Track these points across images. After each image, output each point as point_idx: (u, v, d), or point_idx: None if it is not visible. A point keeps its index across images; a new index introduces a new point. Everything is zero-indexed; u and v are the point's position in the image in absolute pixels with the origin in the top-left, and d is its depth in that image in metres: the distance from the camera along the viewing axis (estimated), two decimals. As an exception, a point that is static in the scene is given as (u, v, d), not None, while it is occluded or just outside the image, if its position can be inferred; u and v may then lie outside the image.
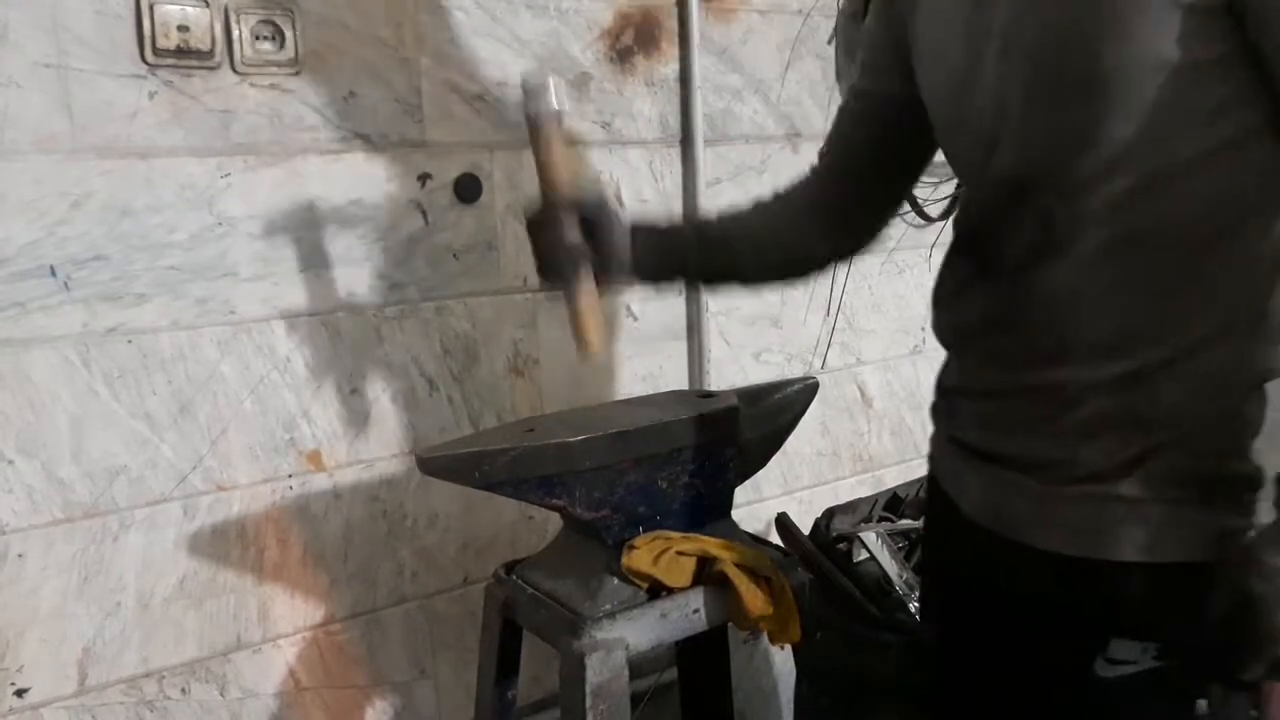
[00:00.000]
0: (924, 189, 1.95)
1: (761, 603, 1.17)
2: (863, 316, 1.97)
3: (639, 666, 1.51)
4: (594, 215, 1.02)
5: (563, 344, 1.61)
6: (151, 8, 1.23)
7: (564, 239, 1.01)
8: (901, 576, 1.56)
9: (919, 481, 1.83)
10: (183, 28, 1.24)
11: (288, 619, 1.44)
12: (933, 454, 1.02)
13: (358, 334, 1.44)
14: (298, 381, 1.40)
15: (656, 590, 1.18)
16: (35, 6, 1.18)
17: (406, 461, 1.48)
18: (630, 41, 1.62)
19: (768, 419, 1.31)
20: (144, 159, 1.26)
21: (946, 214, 1.91)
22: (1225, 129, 0.72)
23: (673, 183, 1.70)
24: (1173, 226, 0.74)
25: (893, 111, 1.01)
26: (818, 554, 1.56)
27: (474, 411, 1.54)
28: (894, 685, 1.42)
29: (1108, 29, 0.71)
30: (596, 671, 1.12)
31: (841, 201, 1.09)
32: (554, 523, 1.42)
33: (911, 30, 0.94)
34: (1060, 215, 0.78)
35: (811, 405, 1.37)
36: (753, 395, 1.31)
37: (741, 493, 1.35)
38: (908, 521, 1.69)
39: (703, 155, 1.70)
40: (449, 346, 1.51)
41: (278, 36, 1.31)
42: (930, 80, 0.92)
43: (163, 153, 1.27)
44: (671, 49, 1.67)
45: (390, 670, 1.53)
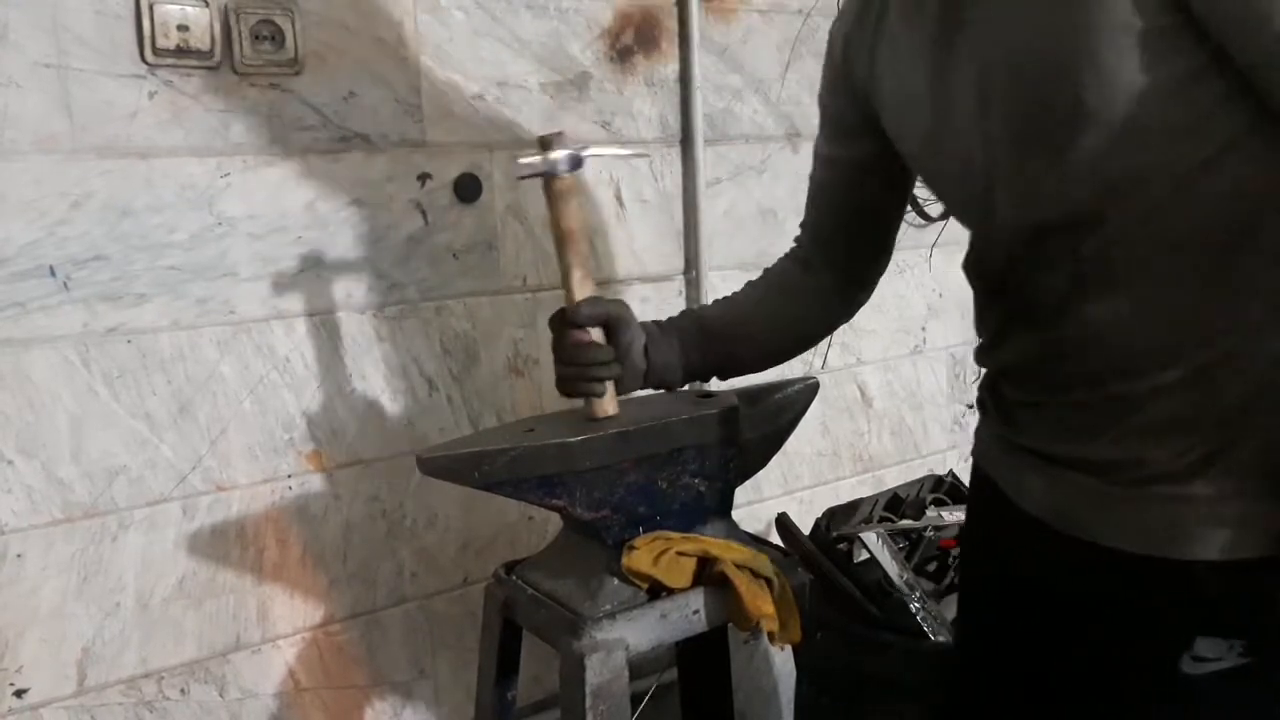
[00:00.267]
0: (924, 189, 1.95)
1: (762, 603, 1.17)
2: (863, 316, 1.94)
3: (639, 667, 1.51)
4: (613, 326, 1.07)
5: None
6: (151, 8, 1.23)
7: (594, 355, 1.07)
8: (902, 577, 1.56)
9: (919, 482, 1.83)
10: (182, 27, 1.24)
11: (287, 619, 1.44)
12: (981, 448, 1.00)
13: (357, 334, 1.43)
14: (297, 381, 1.40)
15: (656, 591, 1.18)
16: (35, 6, 1.18)
17: (406, 461, 1.48)
18: (630, 41, 1.62)
19: (768, 419, 1.30)
20: (144, 159, 1.26)
21: (946, 214, 1.91)
22: (1220, 133, 0.72)
23: (673, 182, 1.70)
24: (1197, 232, 0.74)
25: (867, 172, 1.04)
26: (818, 554, 1.56)
27: (474, 411, 1.54)
28: (894, 685, 1.42)
29: (1085, 64, 0.71)
30: (596, 672, 1.11)
31: (833, 270, 1.13)
32: (554, 523, 1.42)
33: (876, 94, 0.95)
34: (1084, 249, 0.78)
35: (812, 405, 1.37)
36: (753, 395, 1.31)
37: (742, 493, 1.35)
38: (908, 522, 1.69)
39: (703, 155, 1.70)
40: (449, 346, 1.51)
41: (277, 36, 1.31)
42: (906, 141, 0.93)
43: (163, 153, 1.27)
44: (671, 49, 1.67)
45: (390, 670, 1.53)
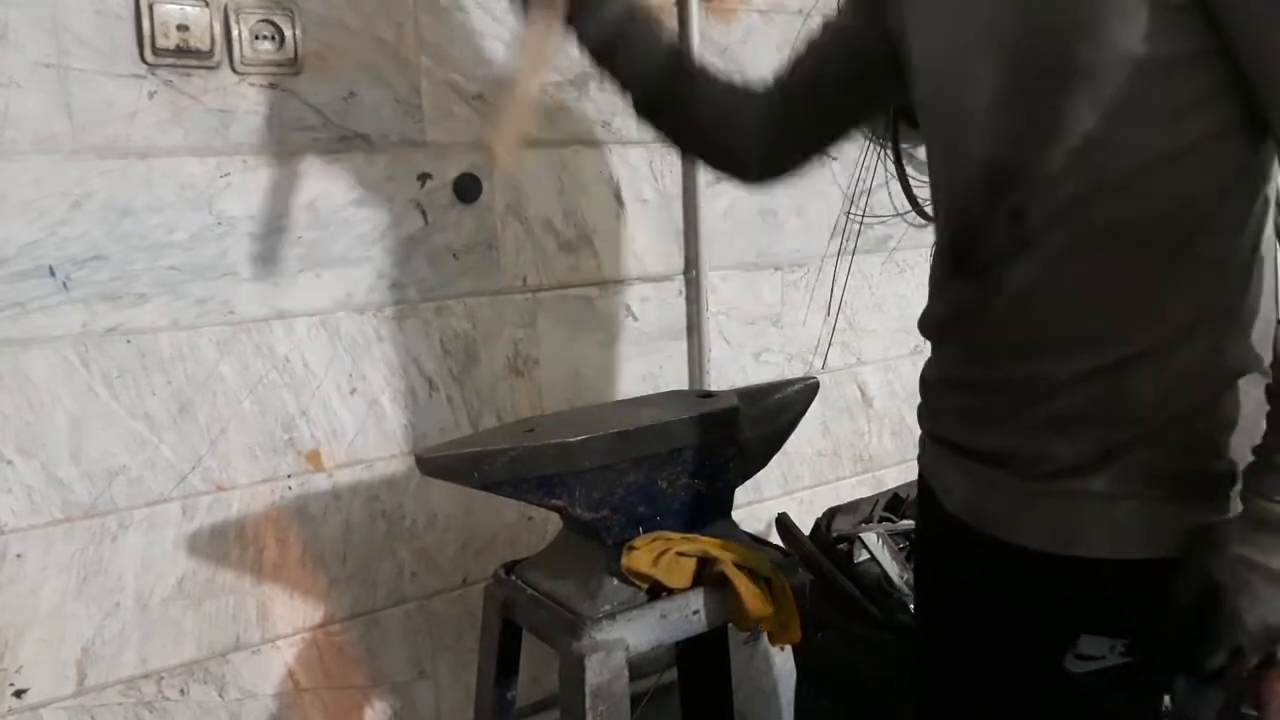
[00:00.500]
0: (924, 189, 1.95)
1: (761, 603, 1.17)
2: (863, 316, 1.97)
3: (639, 667, 1.51)
4: None
5: (563, 344, 1.61)
6: (151, 7, 1.22)
7: None
8: (902, 577, 1.56)
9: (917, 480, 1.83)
10: (182, 27, 1.24)
11: (287, 619, 1.43)
12: (920, 452, 1.03)
13: (357, 334, 1.43)
14: (297, 381, 1.40)
15: (656, 591, 1.18)
16: (35, 6, 1.18)
17: (406, 461, 1.48)
18: None
19: (768, 419, 1.30)
20: (144, 159, 1.26)
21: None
22: (1195, 126, 0.72)
23: (673, 182, 1.70)
24: (1142, 223, 0.74)
25: (860, 53, 1.00)
26: (818, 554, 1.56)
27: (474, 411, 1.54)
28: (894, 685, 1.42)
29: (1082, 26, 0.71)
30: (596, 672, 1.12)
31: (787, 124, 1.07)
32: (554, 523, 1.42)
33: (906, 16, 0.93)
34: (1030, 210, 0.78)
35: (812, 405, 1.37)
36: (753, 395, 1.31)
37: (742, 493, 1.35)
38: (908, 522, 1.69)
39: (703, 155, 1.70)
40: (449, 346, 1.51)
41: (277, 36, 1.31)
42: (918, 64, 0.91)
43: (162, 152, 1.27)
44: (672, 49, 1.67)
45: (390, 671, 1.53)
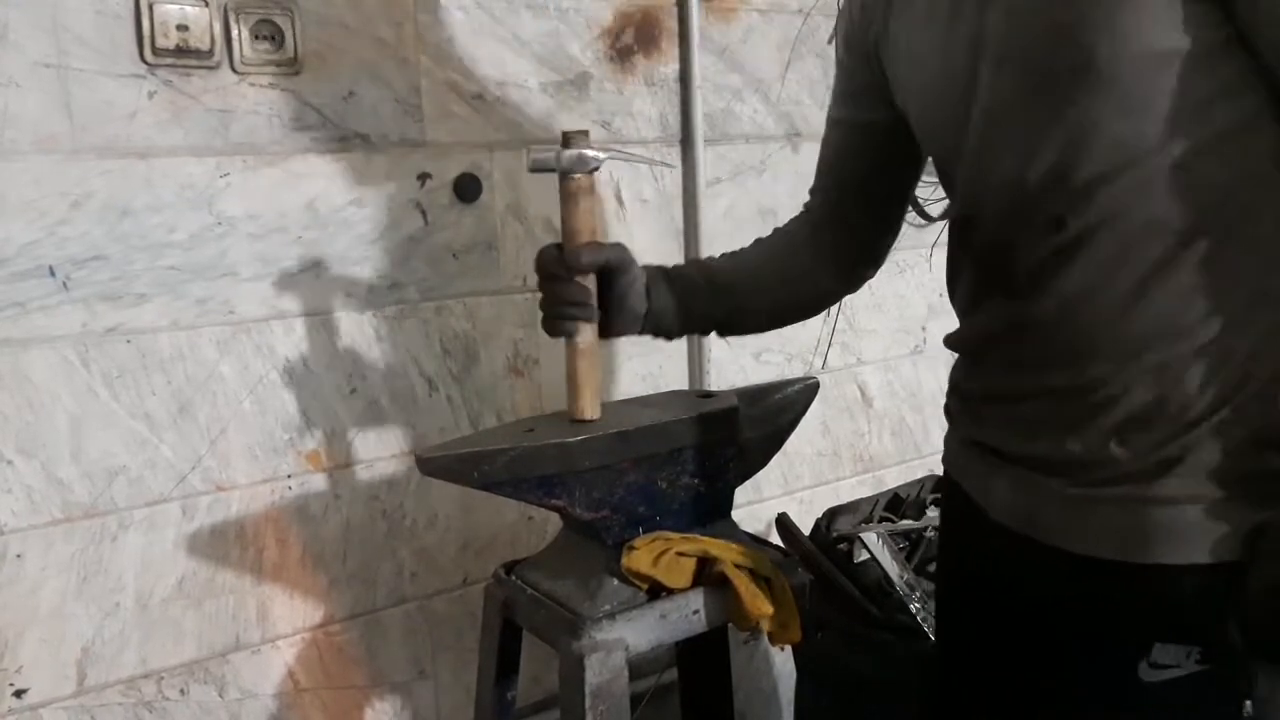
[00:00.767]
0: (924, 189, 1.94)
1: (761, 603, 1.17)
2: (863, 316, 1.97)
3: (639, 667, 1.51)
4: (612, 269, 1.04)
5: (562, 344, 1.61)
6: (151, 7, 1.22)
7: (573, 295, 1.03)
8: (902, 577, 1.56)
9: (920, 482, 1.83)
10: (182, 27, 1.24)
11: (287, 619, 1.43)
12: (949, 454, 1.00)
13: (357, 334, 1.43)
14: (297, 381, 1.40)
15: (656, 591, 1.18)
16: (35, 6, 1.18)
17: (406, 461, 1.48)
18: (630, 41, 1.62)
19: (768, 419, 1.30)
20: (143, 159, 1.26)
21: (947, 214, 1.91)
22: (1225, 116, 0.71)
23: (673, 182, 1.70)
24: (1184, 218, 0.73)
25: (876, 137, 1.02)
26: (818, 554, 1.56)
27: (474, 411, 1.54)
28: (894, 685, 1.41)
29: (1101, 24, 0.71)
30: (596, 672, 1.11)
31: (839, 235, 1.11)
32: (554, 523, 1.42)
33: (886, 53, 0.94)
34: (1069, 218, 0.77)
35: (812, 405, 1.37)
36: (753, 395, 1.30)
37: (742, 493, 1.35)
38: (908, 522, 1.69)
39: (703, 155, 1.70)
40: (449, 346, 1.51)
41: (277, 36, 1.31)
42: (912, 99, 0.92)
43: (162, 152, 1.27)
44: (671, 48, 1.67)
45: (390, 671, 1.53)
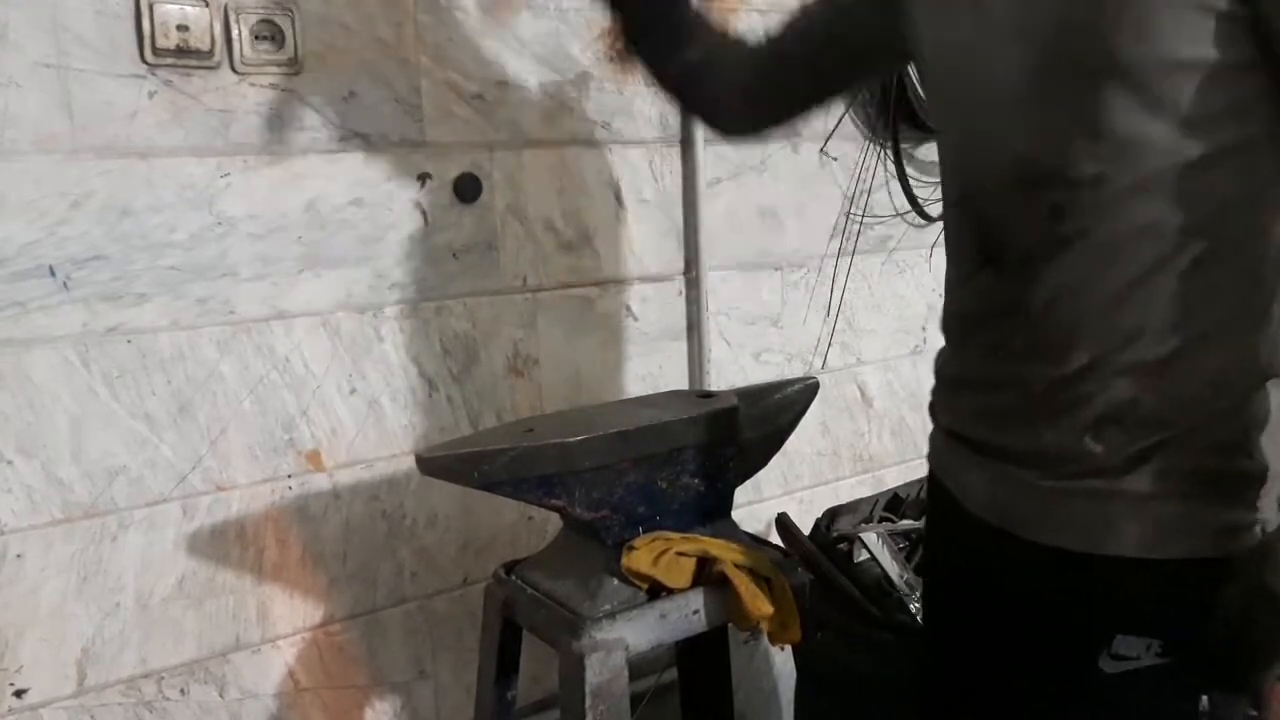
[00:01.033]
0: (924, 189, 1.95)
1: (761, 603, 1.17)
2: (863, 316, 1.97)
3: (639, 667, 1.51)
4: None
5: (563, 344, 1.61)
6: (151, 7, 1.22)
7: None
8: (902, 577, 1.56)
9: (920, 481, 1.83)
10: (182, 27, 1.24)
11: (287, 619, 1.43)
12: (932, 450, 1.01)
13: (357, 334, 1.43)
14: (297, 381, 1.40)
15: (656, 591, 1.18)
16: (35, 6, 1.18)
17: (406, 461, 1.48)
18: (630, 41, 1.62)
19: (768, 419, 1.30)
20: (144, 159, 1.26)
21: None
22: (1230, 133, 0.72)
23: (673, 182, 1.70)
24: (1180, 224, 0.74)
25: (855, 20, 1.01)
26: (818, 554, 1.56)
27: (474, 411, 1.54)
28: (895, 685, 1.41)
29: (1127, 24, 0.71)
30: (596, 672, 1.12)
31: (769, 81, 1.10)
32: (554, 523, 1.42)
33: (910, 6, 0.93)
34: (1069, 209, 0.77)
35: (812, 405, 1.37)
36: (753, 395, 1.31)
37: (742, 493, 1.35)
38: (908, 522, 1.69)
39: (703, 155, 1.70)
40: (449, 346, 1.51)
41: (277, 36, 1.31)
42: (935, 49, 0.90)
43: (162, 152, 1.27)
44: (671, 49, 1.67)
45: (390, 671, 1.53)
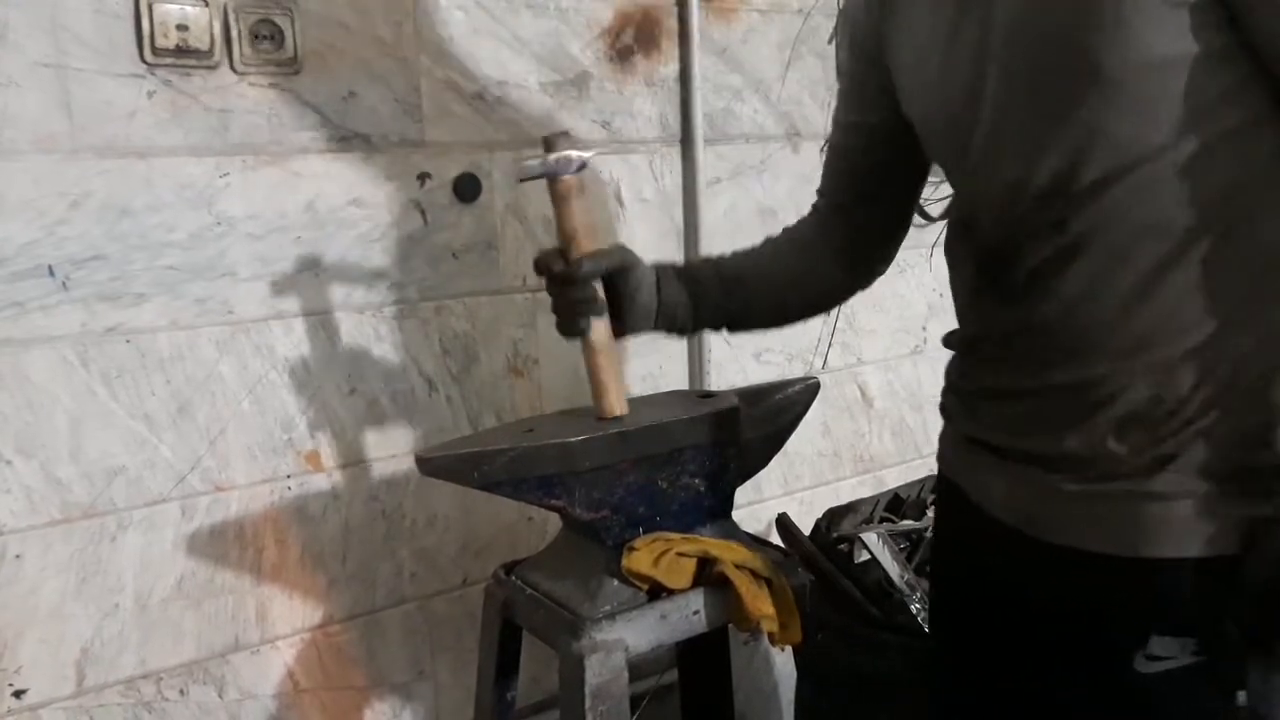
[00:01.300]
0: (924, 189, 1.94)
1: (762, 604, 1.17)
2: (863, 316, 1.97)
3: (639, 668, 1.50)
4: (616, 271, 1.05)
5: (562, 344, 1.61)
6: (150, 7, 1.22)
7: (580, 294, 1.04)
8: (903, 577, 1.56)
9: (920, 482, 1.83)
10: (181, 27, 1.24)
11: (286, 620, 1.43)
12: (945, 452, 1.00)
13: (356, 334, 1.43)
14: (296, 382, 1.40)
15: (656, 591, 1.18)
16: (35, 6, 1.18)
17: (405, 462, 1.48)
18: (630, 41, 1.62)
19: (768, 419, 1.30)
20: (143, 159, 1.26)
21: (947, 214, 1.91)
22: (1227, 119, 0.72)
23: (672, 182, 1.70)
24: (1185, 219, 0.74)
25: (881, 138, 1.03)
26: (819, 555, 1.56)
27: (473, 411, 1.54)
28: (894, 685, 1.41)
29: (1106, 30, 0.71)
30: (596, 673, 1.11)
31: (847, 235, 1.11)
32: (553, 523, 1.42)
33: (889, 55, 0.94)
34: (1071, 220, 0.77)
35: (812, 405, 1.37)
36: (753, 395, 1.30)
37: (742, 493, 1.35)
38: (909, 522, 1.69)
39: (703, 155, 1.70)
40: (448, 346, 1.51)
41: (277, 36, 1.31)
42: (916, 100, 0.92)
43: (162, 152, 1.27)
44: (671, 48, 1.67)
45: (389, 671, 1.53)
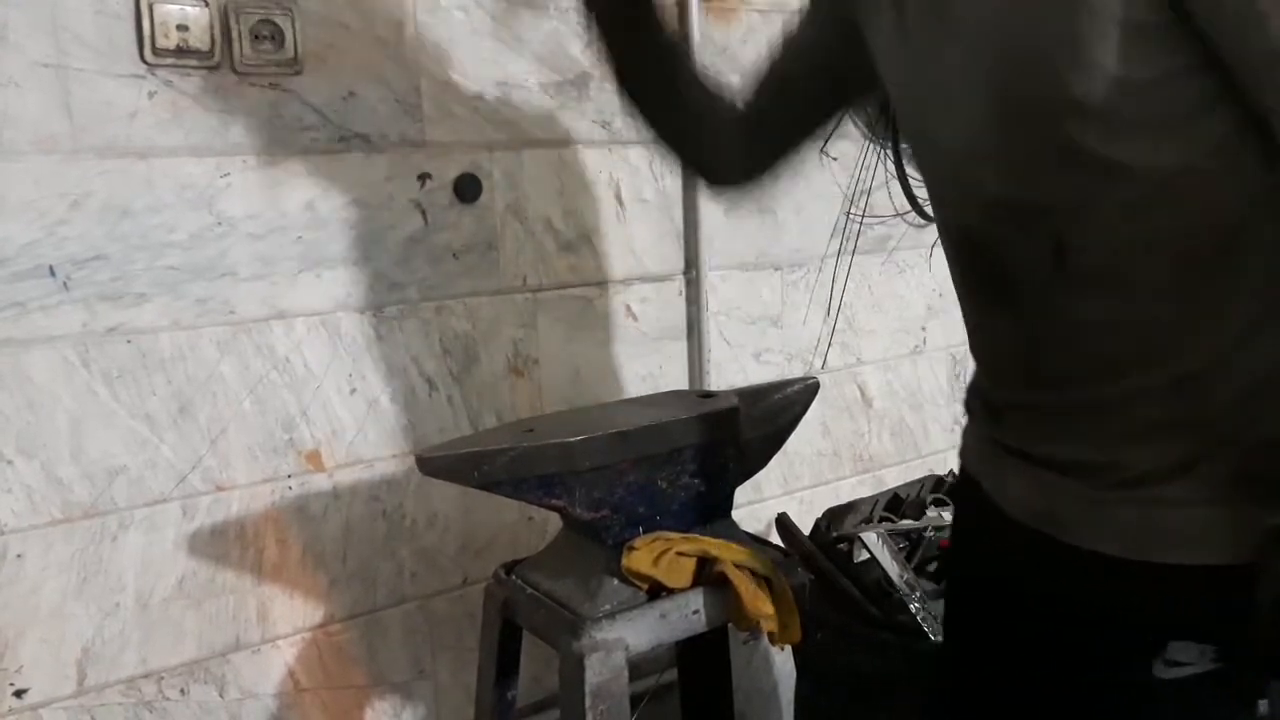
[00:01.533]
0: (924, 189, 1.94)
1: (761, 603, 1.17)
2: (863, 316, 1.97)
3: (639, 667, 1.51)
4: None
5: (563, 344, 1.61)
6: (151, 7, 1.22)
7: None
8: (902, 577, 1.56)
9: (920, 482, 1.83)
10: (182, 27, 1.24)
11: (287, 619, 1.44)
12: (966, 450, 0.99)
13: (357, 334, 1.43)
14: (297, 382, 1.40)
15: (656, 591, 1.18)
16: (35, 6, 1.18)
17: (406, 461, 1.48)
18: (630, 41, 1.62)
19: (768, 419, 1.30)
20: (143, 159, 1.26)
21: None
22: (1207, 133, 0.71)
23: (672, 183, 1.70)
24: (1183, 234, 0.73)
25: (827, 53, 1.02)
26: (818, 554, 1.56)
27: (474, 411, 1.54)
28: (894, 685, 1.42)
29: (1070, 53, 0.70)
30: (596, 672, 1.12)
31: (758, 127, 1.09)
32: (554, 523, 1.42)
33: (868, 38, 0.93)
34: (1068, 242, 0.76)
35: (812, 405, 1.37)
36: (753, 395, 1.31)
37: (742, 493, 1.35)
38: (908, 522, 1.69)
39: (703, 155, 1.70)
40: (449, 346, 1.51)
41: (277, 36, 1.31)
42: (895, 98, 0.91)
43: (162, 153, 1.27)
44: (671, 49, 1.67)
45: (389, 671, 1.53)
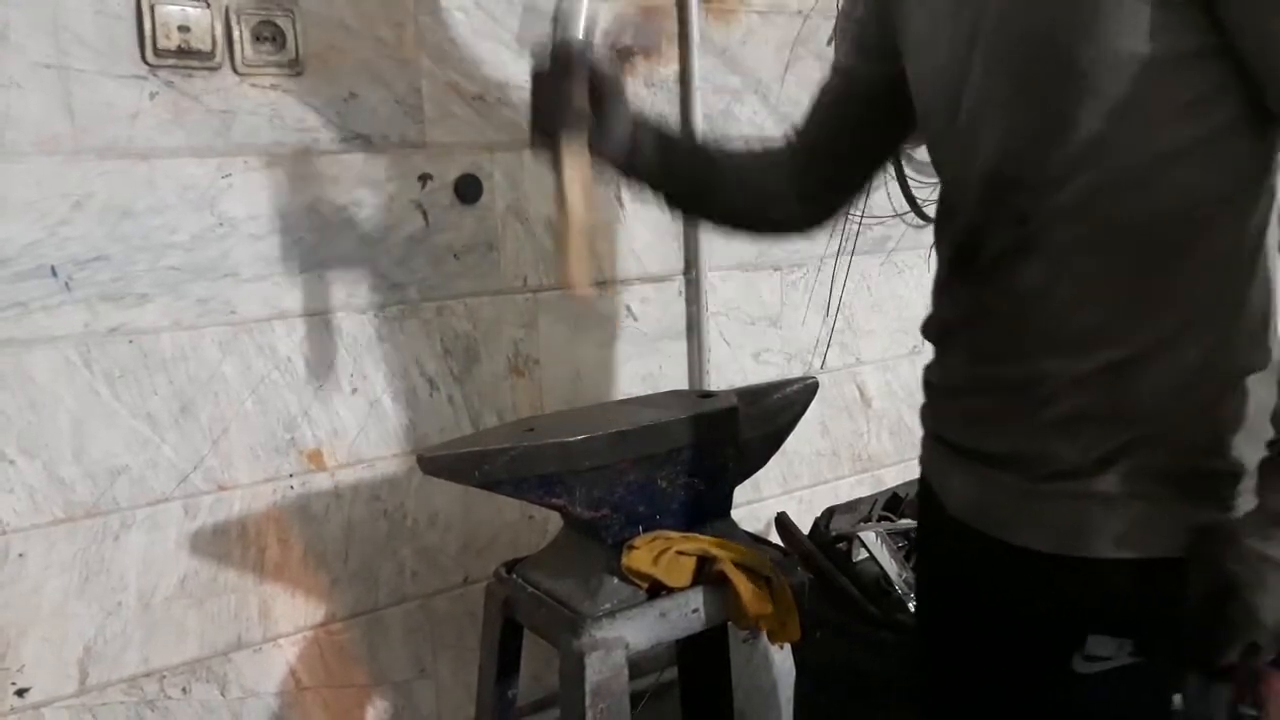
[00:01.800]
0: (924, 189, 1.95)
1: (761, 602, 1.18)
2: (862, 316, 1.97)
3: (639, 665, 1.51)
4: (604, 81, 0.95)
5: (563, 344, 1.62)
6: (152, 8, 1.23)
7: (570, 95, 0.93)
8: (901, 576, 1.56)
9: (918, 481, 1.83)
10: (183, 28, 1.24)
11: (288, 618, 1.44)
12: (923, 453, 1.02)
13: (358, 334, 1.44)
14: (298, 381, 1.40)
15: (656, 590, 1.18)
16: (36, 6, 1.18)
17: (407, 461, 1.49)
18: (630, 42, 1.62)
19: (767, 419, 1.31)
20: (145, 160, 1.27)
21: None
22: (1200, 124, 0.72)
23: (672, 183, 1.70)
24: (1145, 221, 0.74)
25: (865, 90, 1.01)
26: (817, 553, 1.56)
27: (474, 411, 1.55)
28: (894, 684, 1.42)
29: (1082, 27, 0.72)
30: (596, 670, 1.12)
31: (814, 176, 1.08)
32: (554, 522, 1.43)
33: (901, 17, 0.94)
34: (1033, 212, 0.78)
35: (811, 405, 1.38)
36: (752, 395, 1.31)
37: (741, 492, 1.35)
38: (907, 521, 1.69)
39: (702, 155, 1.70)
40: (449, 346, 1.51)
41: (278, 37, 1.31)
42: (917, 73, 0.92)
43: (164, 153, 1.28)
44: (671, 49, 1.67)
45: (391, 670, 1.53)
